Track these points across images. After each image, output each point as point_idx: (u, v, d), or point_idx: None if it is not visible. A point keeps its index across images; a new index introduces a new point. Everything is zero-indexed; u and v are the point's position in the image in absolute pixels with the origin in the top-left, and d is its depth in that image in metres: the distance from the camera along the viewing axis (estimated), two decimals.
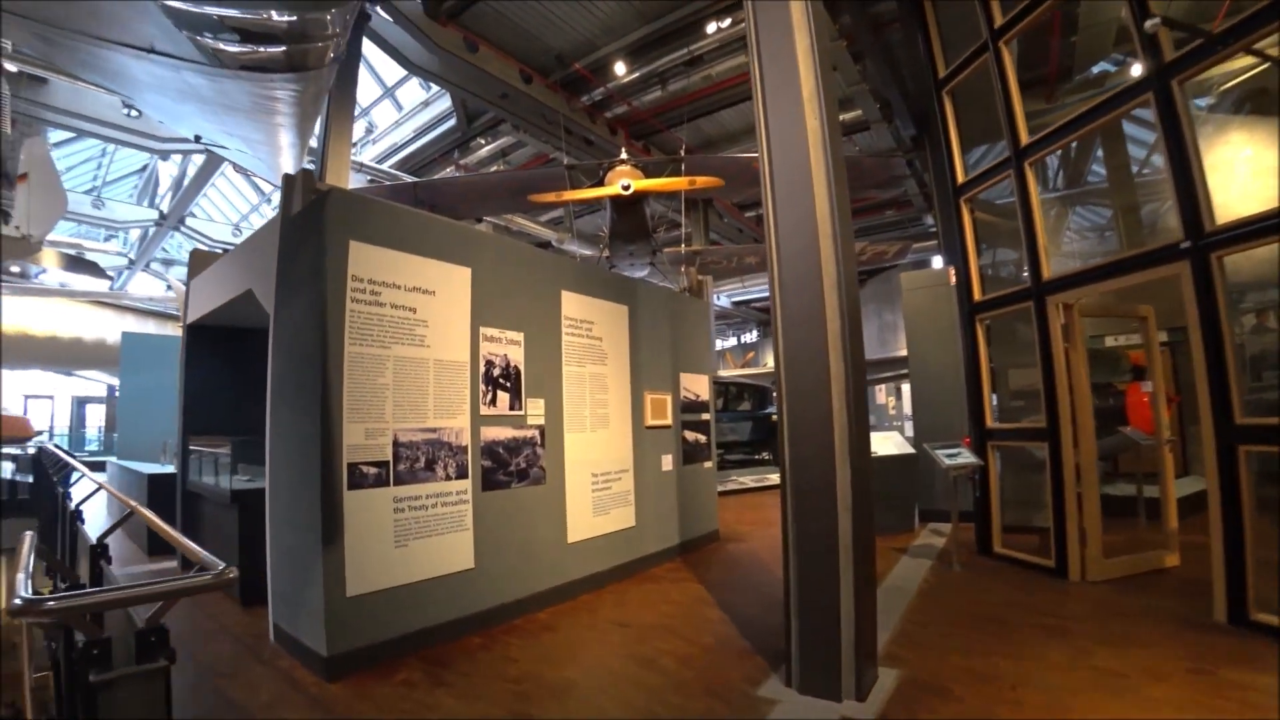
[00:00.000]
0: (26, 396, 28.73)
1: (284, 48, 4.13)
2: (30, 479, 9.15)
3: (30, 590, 1.56)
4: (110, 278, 17.09)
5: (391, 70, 15.03)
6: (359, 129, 17.79)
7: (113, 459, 11.30)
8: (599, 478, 5.40)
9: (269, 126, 5.51)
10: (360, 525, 3.59)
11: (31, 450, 11.69)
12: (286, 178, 4.24)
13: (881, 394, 20.97)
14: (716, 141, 14.87)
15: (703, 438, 6.95)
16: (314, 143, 9.89)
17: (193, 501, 6.15)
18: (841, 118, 12.50)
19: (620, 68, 11.91)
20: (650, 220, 10.84)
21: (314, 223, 3.78)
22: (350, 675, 3.42)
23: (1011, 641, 3.68)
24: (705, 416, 7.04)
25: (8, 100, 9.32)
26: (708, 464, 7.01)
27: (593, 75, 12.38)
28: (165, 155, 17.50)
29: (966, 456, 5.70)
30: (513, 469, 4.61)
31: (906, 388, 17.69)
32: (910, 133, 11.63)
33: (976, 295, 6.13)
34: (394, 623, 3.69)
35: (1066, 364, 5.10)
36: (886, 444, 6.99)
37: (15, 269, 21.90)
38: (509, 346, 4.73)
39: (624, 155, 10.00)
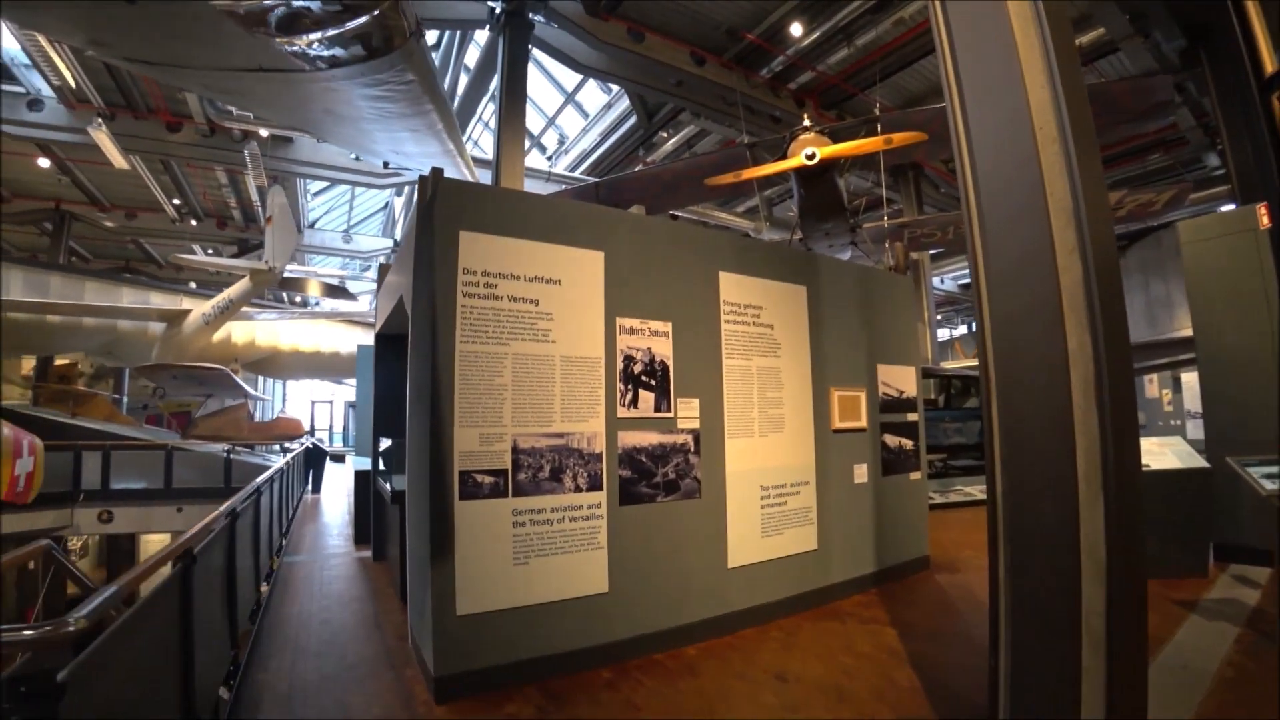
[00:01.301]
0: (313, 401, 35.62)
1: (358, 21, 4.09)
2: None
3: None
4: (354, 298, 20.20)
5: (570, 77, 15.54)
6: (550, 140, 18.89)
7: (352, 454, 13.13)
8: (770, 491, 4.56)
9: (419, 136, 5.70)
10: (473, 539, 3.29)
11: (305, 445, 14.07)
12: (420, 179, 4.14)
13: (1153, 385, 16.60)
14: (921, 97, 12.87)
15: (908, 443, 5.69)
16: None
17: (381, 498, 6.60)
18: (1078, 41, 10.05)
19: (797, 29, 10.82)
20: (845, 192, 9.54)
21: (428, 219, 3.61)
22: (459, 699, 3.14)
23: None
24: (912, 417, 5.77)
25: (261, 160, 11.35)
26: (915, 475, 5.72)
27: (769, 43, 11.44)
28: (399, 190, 20.24)
29: None
30: (658, 480, 4.02)
31: (1188, 377, 13.77)
32: (1177, 45, 8.84)
33: None
34: (512, 647, 3.34)
35: None
36: (1163, 454, 5.13)
37: (298, 298, 27.09)
38: (653, 339, 4.16)
39: (806, 122, 8.93)
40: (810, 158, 8.05)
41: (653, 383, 4.10)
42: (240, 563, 4.29)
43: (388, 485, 5.27)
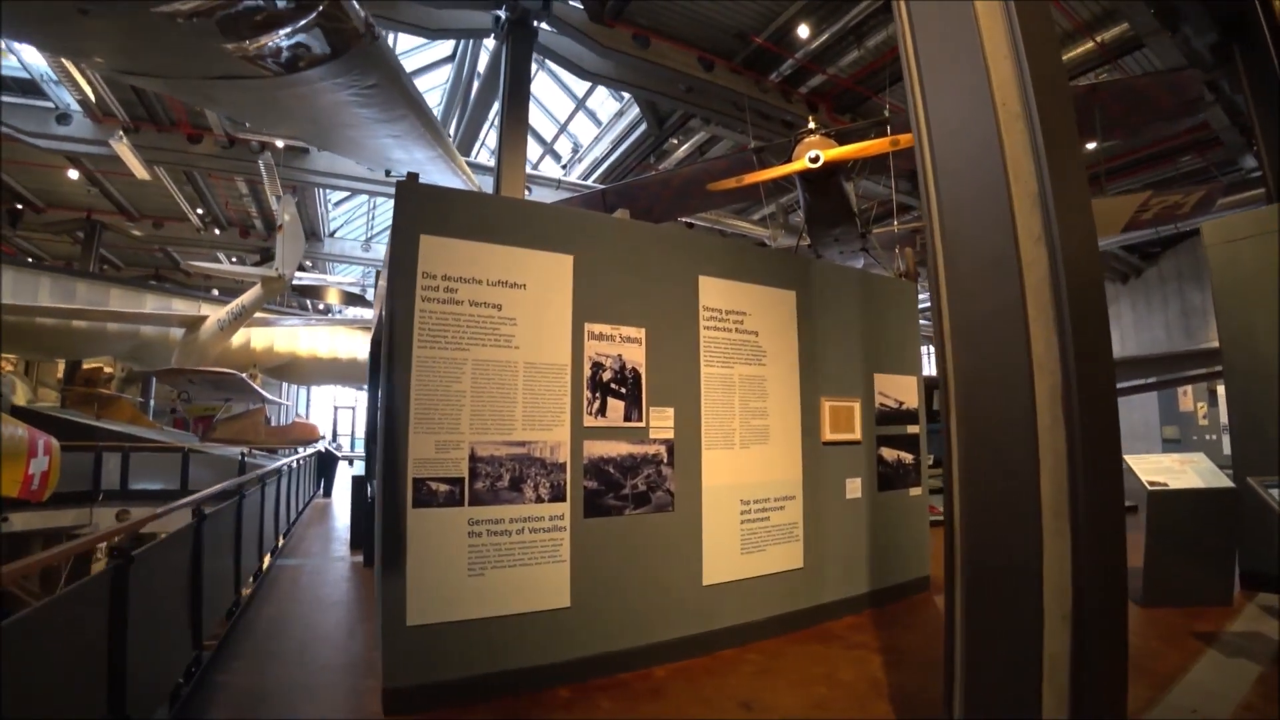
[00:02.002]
0: (335, 407, 36.07)
1: (308, 19, 4.02)
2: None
3: None
4: (371, 305, 20.43)
5: (583, 84, 15.48)
6: (565, 148, 18.90)
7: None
8: (751, 506, 4.33)
9: (404, 142, 5.67)
10: (426, 548, 3.16)
11: (318, 449, 14.20)
12: (399, 184, 4.06)
13: (1187, 398, 15.90)
14: None
15: (908, 456, 5.40)
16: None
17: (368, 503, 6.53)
18: (1101, 38, 9.67)
19: (804, 31, 10.62)
20: (853, 197, 9.27)
21: (395, 224, 3.51)
22: (408, 714, 3.02)
23: None
24: (912, 429, 5.48)
25: (276, 170, 11.54)
26: (915, 490, 5.43)
27: (778, 46, 11.24)
28: None
29: None
30: (627, 492, 3.84)
31: (1224, 389, 13.10)
32: (1208, 40, 8.36)
33: None
34: (465, 662, 3.19)
35: None
36: (1184, 473, 4.77)
37: (322, 305, 27.53)
38: (624, 345, 3.98)
39: (811, 125, 8.73)
40: (814, 161, 7.83)
41: (623, 391, 3.93)
42: (213, 562, 4.21)
43: (370, 491, 5.18)
